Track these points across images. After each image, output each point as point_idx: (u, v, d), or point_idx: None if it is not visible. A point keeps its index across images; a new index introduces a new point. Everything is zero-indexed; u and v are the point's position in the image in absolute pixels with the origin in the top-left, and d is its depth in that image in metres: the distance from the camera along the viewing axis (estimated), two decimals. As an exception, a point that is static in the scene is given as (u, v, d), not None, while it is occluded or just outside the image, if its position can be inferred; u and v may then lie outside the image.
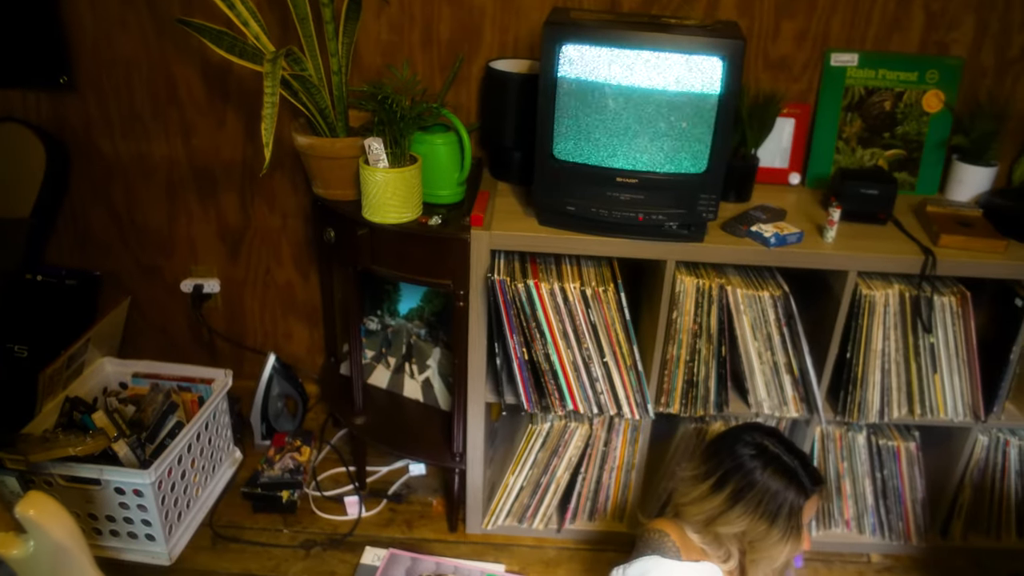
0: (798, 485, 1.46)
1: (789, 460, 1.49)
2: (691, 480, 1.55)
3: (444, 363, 2.15)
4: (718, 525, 1.49)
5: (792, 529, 1.46)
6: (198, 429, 2.03)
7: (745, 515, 1.46)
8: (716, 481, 1.49)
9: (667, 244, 1.70)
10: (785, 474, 1.47)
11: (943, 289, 1.79)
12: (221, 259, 2.39)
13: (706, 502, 1.50)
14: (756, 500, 1.45)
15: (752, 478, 1.46)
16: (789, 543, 1.47)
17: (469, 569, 1.96)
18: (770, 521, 1.45)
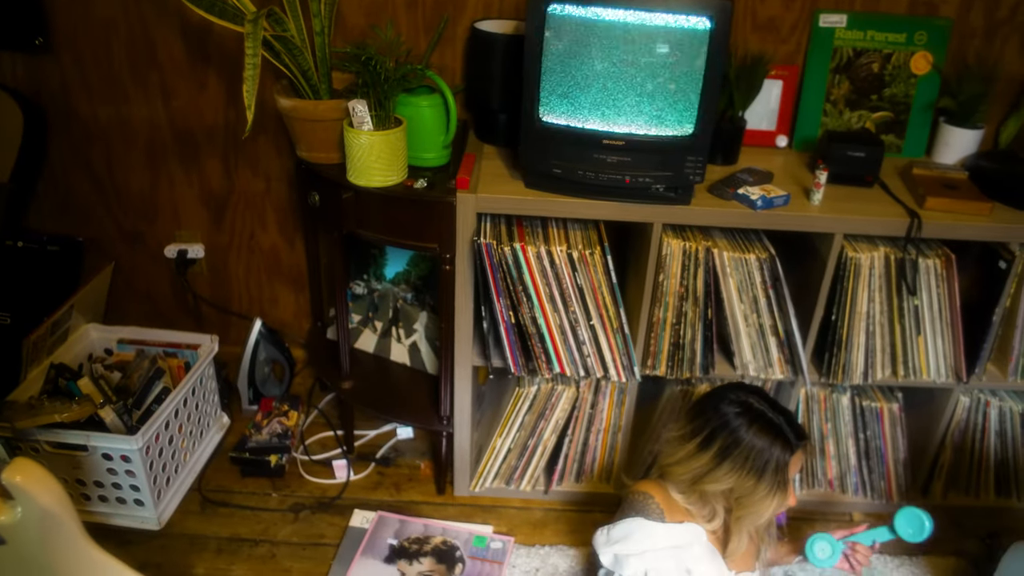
0: (783, 441, 1.48)
1: (774, 416, 1.51)
2: (677, 440, 1.57)
3: (431, 327, 2.15)
4: (705, 483, 1.51)
5: (778, 484, 1.48)
6: (185, 395, 2.03)
7: (732, 472, 1.48)
8: (703, 440, 1.51)
9: (654, 207, 1.70)
10: (770, 430, 1.48)
11: (928, 252, 1.80)
12: (205, 224, 2.37)
13: (693, 461, 1.52)
14: (743, 457, 1.47)
15: (738, 435, 1.48)
16: (776, 498, 1.49)
17: (457, 531, 1.98)
18: (757, 477, 1.47)
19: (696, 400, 1.62)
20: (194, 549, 1.91)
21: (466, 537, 1.96)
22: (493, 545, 1.95)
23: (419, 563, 1.88)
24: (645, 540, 1.51)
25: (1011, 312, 1.86)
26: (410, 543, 1.93)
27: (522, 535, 2.01)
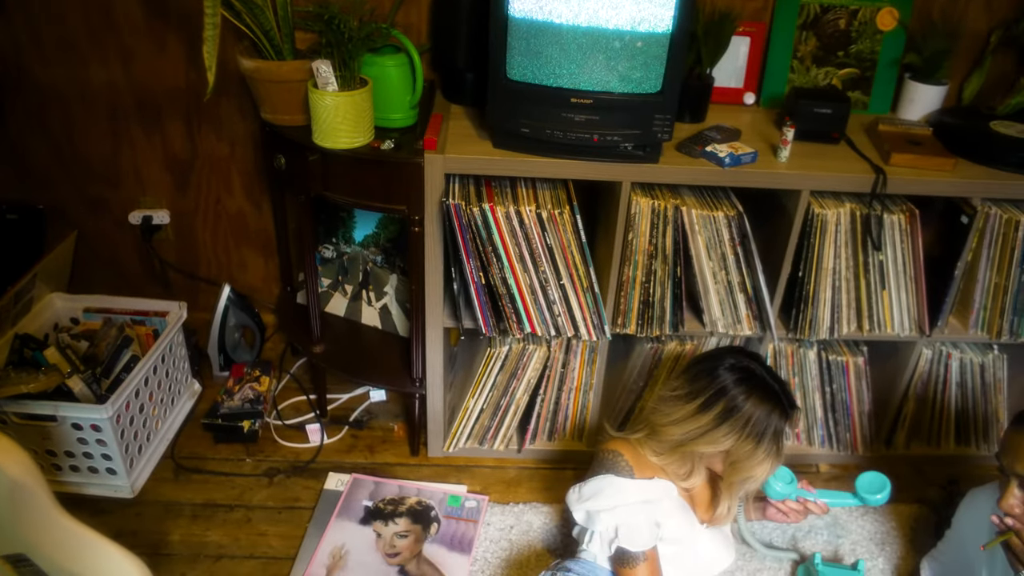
0: (782, 408, 1.51)
1: (773, 384, 1.53)
2: (672, 400, 1.57)
3: (401, 289, 2.15)
4: (700, 444, 1.52)
5: (774, 450, 1.51)
6: (154, 362, 2.01)
7: (731, 435, 1.49)
8: (703, 403, 1.52)
9: (622, 165, 1.70)
10: (771, 398, 1.51)
11: (893, 207, 1.82)
12: (169, 189, 2.32)
13: (690, 422, 1.53)
14: (743, 421, 1.49)
15: (740, 401, 1.50)
16: (770, 462, 1.52)
17: (432, 491, 2.00)
18: (756, 442, 1.49)
19: (695, 361, 1.62)
20: (169, 516, 1.91)
21: (441, 497, 1.98)
22: (468, 504, 1.97)
23: (394, 523, 1.90)
24: (615, 496, 1.54)
25: (972, 266, 1.90)
26: (385, 504, 1.95)
27: (496, 494, 2.03)
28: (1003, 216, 1.82)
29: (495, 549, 1.87)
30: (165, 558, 1.80)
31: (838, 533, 1.96)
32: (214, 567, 1.80)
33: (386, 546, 1.85)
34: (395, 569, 1.80)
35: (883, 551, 1.93)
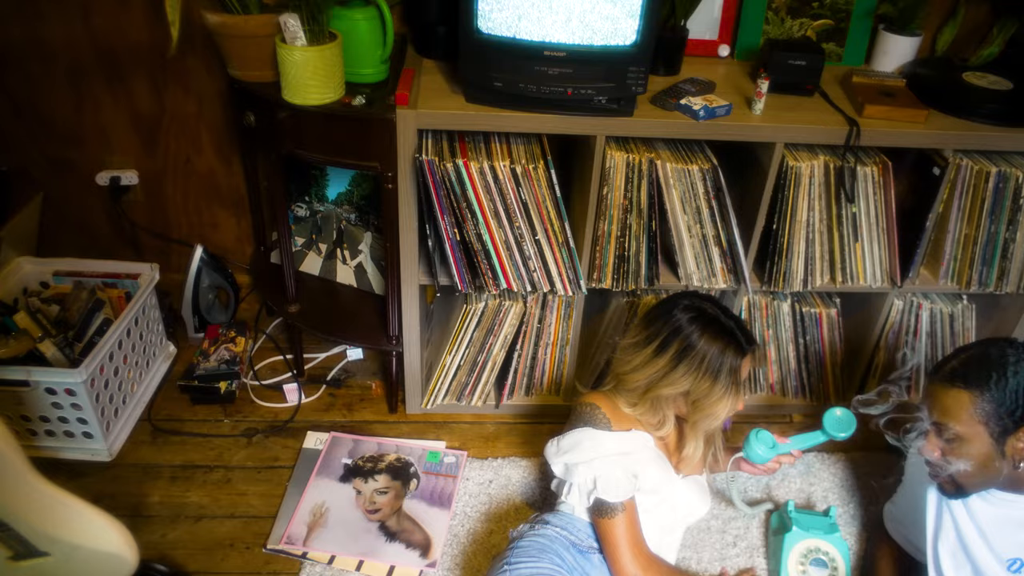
0: (736, 345, 1.53)
1: (726, 322, 1.55)
2: (631, 348, 1.60)
3: (376, 247, 2.13)
4: (661, 387, 1.54)
5: (732, 386, 1.53)
6: (127, 325, 1.99)
7: (688, 374, 1.52)
8: (659, 345, 1.54)
9: (596, 119, 1.68)
10: (724, 334, 1.53)
11: (866, 159, 1.83)
12: (137, 149, 2.28)
13: (649, 367, 1.55)
14: (699, 359, 1.51)
15: (693, 339, 1.52)
16: (729, 400, 1.54)
17: (410, 447, 2.01)
18: (712, 379, 1.52)
19: (648, 309, 1.65)
20: (148, 478, 1.91)
21: (419, 453, 1.99)
22: (446, 460, 1.98)
23: (374, 480, 1.91)
24: (593, 448, 1.56)
25: (943, 217, 1.91)
26: (364, 461, 1.96)
27: (475, 449, 2.05)
28: (974, 167, 1.83)
29: (474, 503, 1.89)
30: (145, 520, 1.80)
31: (811, 481, 2.00)
32: (195, 527, 1.80)
33: (366, 503, 1.86)
34: (376, 525, 1.81)
35: (854, 497, 1.97)
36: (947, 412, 1.38)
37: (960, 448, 1.38)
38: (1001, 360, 1.35)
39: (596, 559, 1.55)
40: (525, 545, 1.53)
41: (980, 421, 1.35)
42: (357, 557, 1.74)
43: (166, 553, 1.74)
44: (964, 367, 1.38)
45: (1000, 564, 1.43)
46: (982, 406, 1.34)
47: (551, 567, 1.48)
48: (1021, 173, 1.82)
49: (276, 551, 1.75)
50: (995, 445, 1.35)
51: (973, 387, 1.35)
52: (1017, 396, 1.33)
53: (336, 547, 1.76)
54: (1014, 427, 1.34)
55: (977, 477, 1.39)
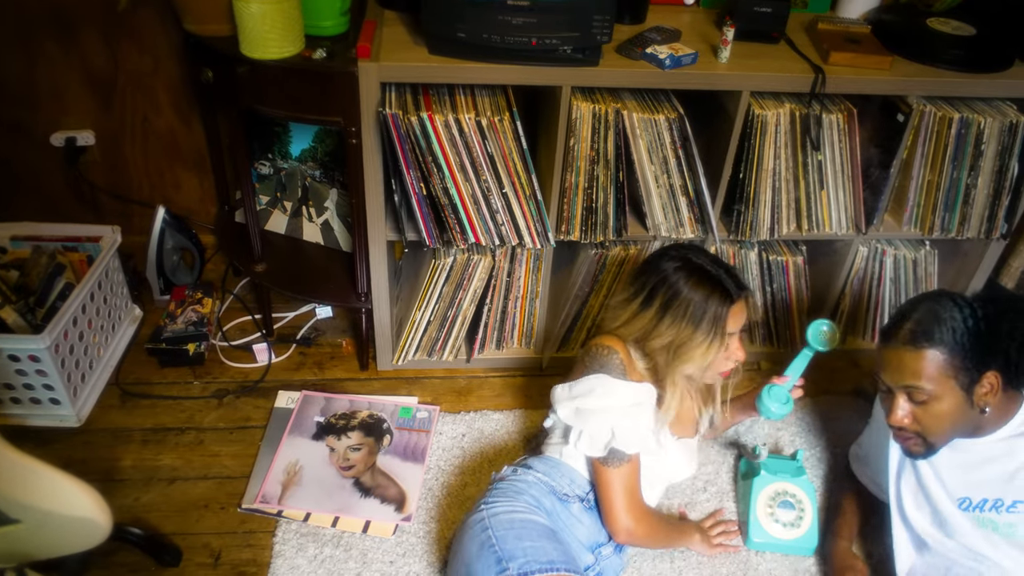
0: (722, 291, 1.52)
1: (713, 269, 1.54)
2: (621, 304, 1.58)
3: (342, 204, 2.11)
4: (651, 340, 1.54)
5: (716, 334, 1.51)
6: (90, 289, 1.96)
7: (673, 325, 1.51)
8: (644, 298, 1.53)
9: (562, 69, 1.66)
10: (708, 282, 1.52)
11: (831, 107, 1.83)
12: (92, 109, 2.21)
13: (637, 320, 1.54)
14: (683, 308, 1.50)
15: (677, 288, 1.50)
16: (713, 347, 1.52)
17: (383, 404, 2.02)
18: (694, 326, 1.50)
19: (640, 263, 1.62)
20: (118, 442, 1.90)
21: (392, 409, 2.00)
22: (419, 415, 1.99)
23: (347, 437, 1.92)
24: (607, 396, 1.52)
25: (907, 164, 1.93)
26: (337, 419, 1.96)
27: (447, 403, 2.06)
28: (937, 114, 1.84)
29: (448, 457, 1.90)
30: (118, 484, 1.80)
31: (778, 426, 2.04)
32: (168, 489, 1.80)
33: (340, 460, 1.87)
34: (350, 481, 1.82)
35: (820, 440, 2.02)
36: (918, 374, 1.38)
37: (932, 407, 1.39)
38: (951, 313, 1.38)
39: (575, 508, 1.56)
40: (503, 487, 1.55)
41: (951, 376, 1.37)
42: (332, 513, 1.75)
43: (140, 516, 1.74)
44: (922, 326, 1.39)
45: (952, 503, 1.47)
46: (950, 360, 1.36)
47: (525, 506, 1.50)
48: (983, 119, 1.84)
49: (251, 510, 1.76)
50: (965, 397, 1.38)
51: (938, 344, 1.37)
52: (975, 344, 1.36)
53: (311, 504, 1.77)
54: (979, 376, 1.37)
55: (948, 433, 1.42)
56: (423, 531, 1.74)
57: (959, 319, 1.37)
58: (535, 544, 1.42)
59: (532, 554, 1.39)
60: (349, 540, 1.71)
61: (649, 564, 1.70)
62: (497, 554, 1.40)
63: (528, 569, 1.37)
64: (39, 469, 1.31)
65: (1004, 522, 1.39)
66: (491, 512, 1.48)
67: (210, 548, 1.69)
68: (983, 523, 1.42)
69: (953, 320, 1.37)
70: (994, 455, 1.42)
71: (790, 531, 1.73)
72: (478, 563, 1.41)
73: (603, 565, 1.56)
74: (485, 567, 1.39)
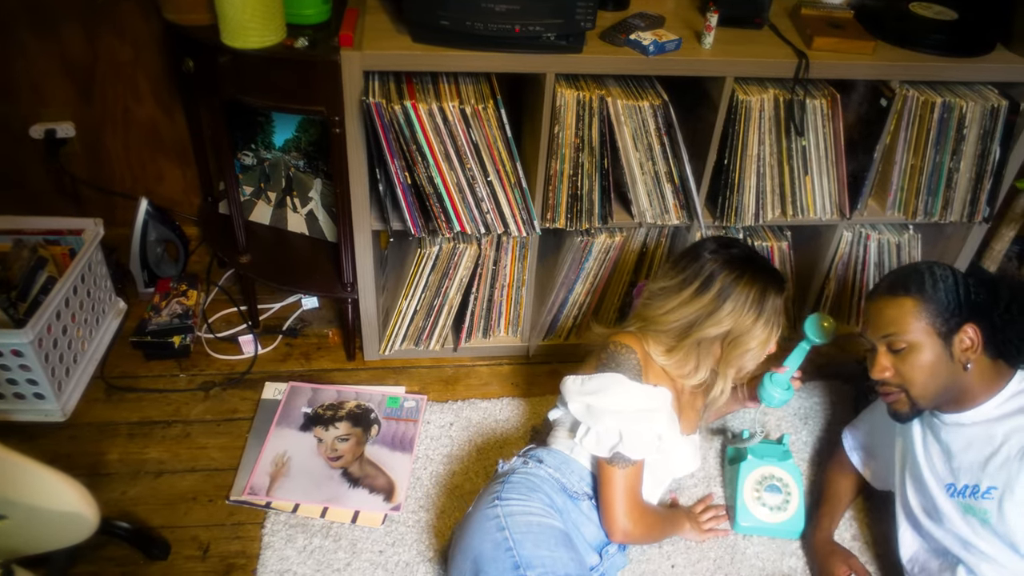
0: (777, 281, 1.53)
1: (763, 260, 1.55)
2: (664, 292, 1.55)
3: (327, 194, 2.10)
4: (704, 328, 1.50)
5: (774, 323, 1.52)
6: (73, 282, 1.94)
7: (734, 311, 1.49)
8: (700, 285, 1.51)
9: (545, 56, 1.66)
10: (764, 272, 1.52)
11: (815, 92, 1.84)
12: (72, 100, 2.19)
13: (689, 306, 1.51)
14: (744, 295, 1.49)
15: (737, 275, 1.50)
16: (770, 338, 1.53)
17: (370, 394, 2.02)
18: (756, 314, 1.50)
19: (680, 254, 1.60)
20: (104, 436, 1.89)
21: (379, 399, 2.00)
22: (407, 404, 1.99)
23: (335, 428, 1.92)
24: (621, 398, 1.50)
25: (890, 149, 1.94)
26: (324, 410, 1.96)
27: (434, 392, 2.06)
28: (920, 98, 1.85)
29: (436, 446, 1.91)
30: (104, 478, 1.79)
31: (764, 411, 2.05)
32: (155, 483, 1.79)
33: (328, 450, 1.87)
34: (338, 472, 1.82)
35: (806, 425, 2.03)
36: (895, 322, 1.43)
37: (912, 358, 1.42)
38: (931, 270, 1.44)
39: (585, 506, 1.55)
40: (516, 481, 1.52)
41: (928, 323, 1.41)
42: (321, 504, 1.75)
43: (128, 510, 1.73)
44: (900, 278, 1.46)
45: (941, 489, 1.49)
46: (926, 307, 1.41)
47: (541, 507, 1.48)
48: (965, 103, 1.85)
49: (240, 502, 1.76)
50: (944, 347, 1.41)
51: (915, 292, 1.42)
52: (952, 296, 1.40)
53: (300, 495, 1.76)
54: (956, 327, 1.40)
55: (930, 387, 1.44)
56: (412, 520, 1.74)
57: (936, 275, 1.43)
58: (553, 554, 1.41)
59: (550, 565, 1.38)
60: (338, 530, 1.71)
61: (638, 549, 1.71)
62: (515, 559, 1.38)
63: None
64: (24, 464, 1.30)
65: (980, 508, 1.41)
66: (507, 511, 1.46)
67: (198, 541, 1.69)
68: (967, 509, 1.44)
69: (931, 275, 1.43)
70: (974, 440, 1.44)
71: (777, 515, 1.75)
72: (492, 564, 1.39)
73: (607, 565, 1.55)
74: (500, 569, 1.38)
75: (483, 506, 1.49)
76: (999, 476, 1.38)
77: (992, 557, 1.41)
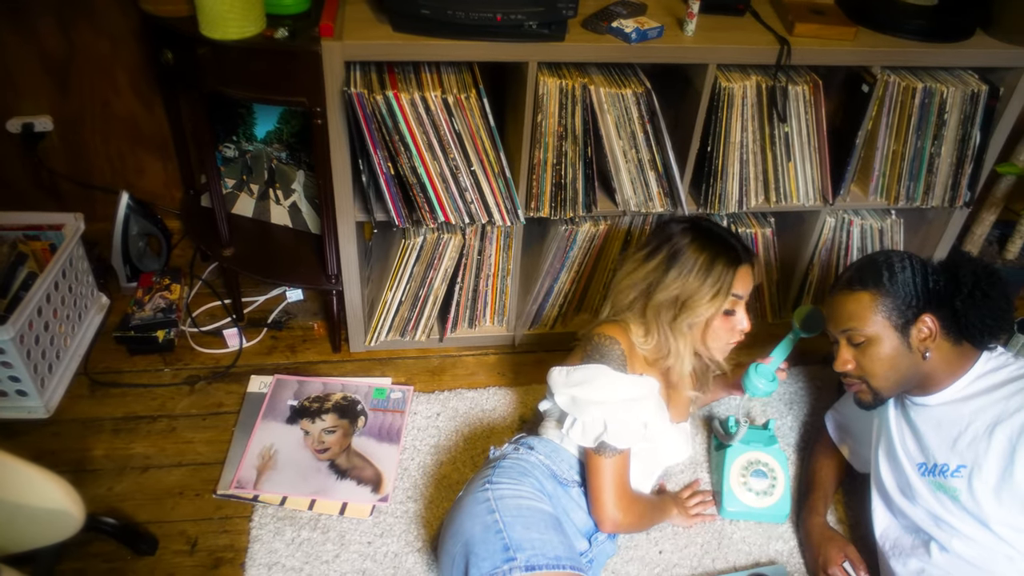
0: (730, 251, 1.52)
1: (720, 231, 1.56)
2: (627, 259, 1.59)
3: (309, 186, 2.08)
4: (655, 295, 1.51)
5: (723, 287, 1.50)
6: (54, 278, 1.92)
7: (681, 275, 1.50)
8: (649, 252, 1.54)
9: (527, 45, 1.65)
10: (716, 241, 1.53)
11: (797, 79, 1.84)
12: (49, 93, 2.16)
13: (639, 271, 1.54)
14: (692, 259, 1.50)
15: (682, 244, 1.51)
16: (719, 299, 1.50)
17: (356, 385, 2.01)
18: (702, 279, 1.49)
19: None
20: (89, 432, 1.87)
21: (366, 391, 2.00)
22: (393, 395, 1.99)
23: (322, 420, 1.91)
24: (606, 388, 1.50)
25: (872, 134, 1.95)
26: (310, 402, 1.95)
27: (421, 383, 2.06)
28: (901, 84, 1.86)
29: (423, 436, 1.91)
30: (90, 474, 1.78)
31: (749, 396, 2.06)
32: (142, 478, 1.78)
33: (315, 442, 1.86)
34: (326, 464, 1.82)
35: (791, 410, 2.05)
36: (853, 316, 1.47)
37: (871, 350, 1.46)
38: (887, 261, 1.47)
39: (575, 492, 1.56)
40: (507, 466, 1.53)
41: (884, 316, 1.44)
42: (309, 496, 1.75)
43: (114, 506, 1.72)
44: (858, 272, 1.49)
45: (913, 468, 1.51)
46: (883, 301, 1.44)
47: (531, 491, 1.49)
48: (946, 88, 1.85)
49: (227, 496, 1.75)
50: (901, 339, 1.44)
51: (871, 286, 1.45)
52: (909, 288, 1.43)
53: (287, 488, 1.76)
54: (913, 318, 1.43)
55: (890, 378, 1.47)
56: (400, 511, 1.74)
57: (894, 266, 1.45)
58: (543, 536, 1.41)
59: (540, 547, 1.39)
60: (327, 522, 1.71)
61: (626, 536, 1.72)
62: (504, 541, 1.38)
63: (535, 563, 1.36)
64: (8, 462, 1.29)
65: (950, 486, 1.43)
66: (497, 494, 1.46)
67: (186, 535, 1.68)
68: (937, 487, 1.46)
69: (888, 267, 1.45)
70: (942, 421, 1.46)
71: (763, 499, 1.76)
72: (483, 546, 1.39)
73: (597, 551, 1.56)
74: (490, 551, 1.38)
75: (474, 490, 1.50)
76: (968, 455, 1.40)
77: (962, 532, 1.43)
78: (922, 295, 1.43)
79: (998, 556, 1.40)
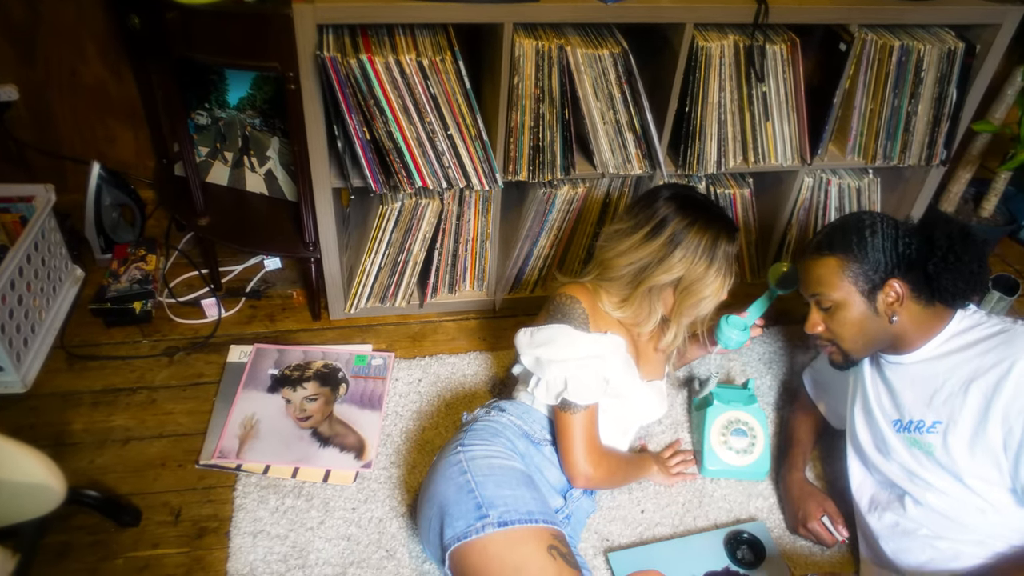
0: (729, 229, 1.53)
1: (715, 208, 1.55)
2: (620, 233, 1.55)
3: (284, 152, 2.06)
4: (657, 274, 1.51)
5: (726, 271, 1.53)
6: (26, 251, 1.89)
7: (685, 258, 1.49)
8: (651, 229, 1.51)
9: (503, 6, 1.62)
10: (718, 218, 1.52)
11: (775, 37, 1.83)
12: (13, 62, 2.11)
13: (640, 250, 1.51)
14: (696, 242, 1.49)
15: (687, 224, 1.49)
16: (722, 284, 1.53)
17: (337, 353, 2.01)
18: (708, 261, 1.50)
19: (637, 198, 1.59)
20: (68, 406, 1.86)
21: (347, 358, 1.99)
22: (374, 362, 1.99)
23: (303, 388, 1.91)
24: (567, 347, 1.51)
25: (850, 93, 1.94)
26: (291, 371, 1.95)
27: (402, 349, 2.05)
28: (878, 42, 1.85)
29: (405, 402, 1.91)
30: (70, 447, 1.77)
31: (729, 356, 2.08)
32: (123, 450, 1.78)
33: (296, 411, 1.86)
34: (308, 432, 1.82)
35: (770, 370, 2.07)
36: (820, 281, 1.49)
37: (838, 314, 1.48)
38: (858, 225, 1.47)
39: (547, 450, 1.58)
40: (479, 428, 1.55)
41: (851, 282, 1.46)
42: (292, 464, 1.75)
43: (96, 479, 1.71)
44: (827, 236, 1.50)
45: (888, 424, 1.53)
46: (850, 267, 1.45)
47: (503, 451, 1.50)
48: (923, 46, 1.85)
49: (209, 466, 1.75)
50: (868, 304, 1.46)
51: (838, 251, 1.47)
52: (877, 253, 1.44)
53: (270, 456, 1.76)
54: (880, 283, 1.45)
55: (859, 341, 1.50)
56: (384, 476, 1.75)
57: (864, 231, 1.46)
58: (515, 492, 1.42)
59: (512, 503, 1.40)
60: (310, 490, 1.71)
61: (608, 495, 1.74)
62: (477, 500, 1.40)
63: (508, 518, 1.37)
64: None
65: (925, 442, 1.45)
66: (469, 455, 1.48)
67: (170, 506, 1.68)
68: (912, 443, 1.48)
69: (858, 231, 1.46)
70: (916, 379, 1.48)
71: (743, 458, 1.78)
72: (456, 506, 1.41)
73: (573, 507, 1.57)
74: (464, 511, 1.39)
75: (447, 454, 1.52)
76: (943, 411, 1.43)
77: (936, 486, 1.46)
78: (891, 260, 1.44)
79: (970, 508, 1.43)
